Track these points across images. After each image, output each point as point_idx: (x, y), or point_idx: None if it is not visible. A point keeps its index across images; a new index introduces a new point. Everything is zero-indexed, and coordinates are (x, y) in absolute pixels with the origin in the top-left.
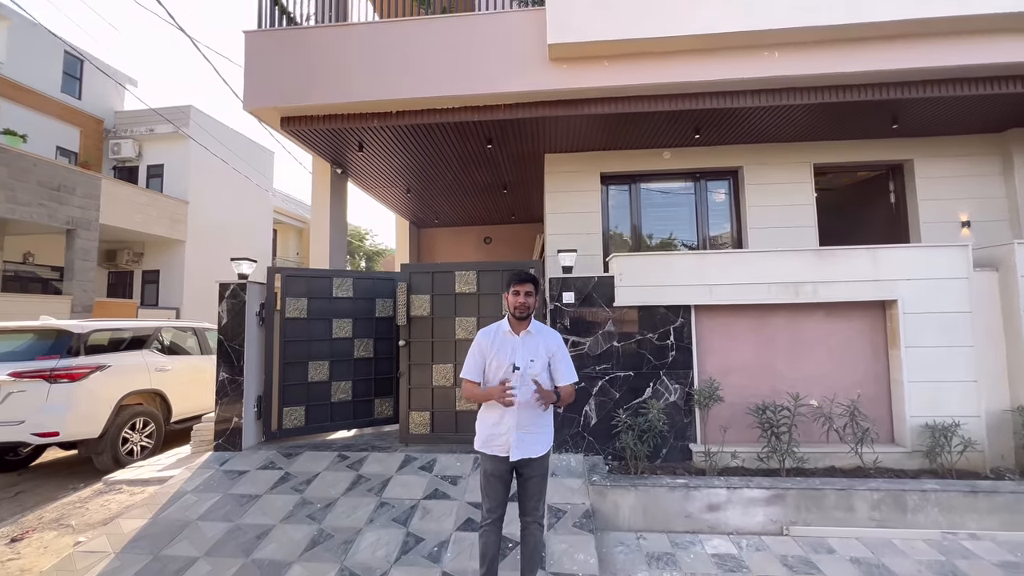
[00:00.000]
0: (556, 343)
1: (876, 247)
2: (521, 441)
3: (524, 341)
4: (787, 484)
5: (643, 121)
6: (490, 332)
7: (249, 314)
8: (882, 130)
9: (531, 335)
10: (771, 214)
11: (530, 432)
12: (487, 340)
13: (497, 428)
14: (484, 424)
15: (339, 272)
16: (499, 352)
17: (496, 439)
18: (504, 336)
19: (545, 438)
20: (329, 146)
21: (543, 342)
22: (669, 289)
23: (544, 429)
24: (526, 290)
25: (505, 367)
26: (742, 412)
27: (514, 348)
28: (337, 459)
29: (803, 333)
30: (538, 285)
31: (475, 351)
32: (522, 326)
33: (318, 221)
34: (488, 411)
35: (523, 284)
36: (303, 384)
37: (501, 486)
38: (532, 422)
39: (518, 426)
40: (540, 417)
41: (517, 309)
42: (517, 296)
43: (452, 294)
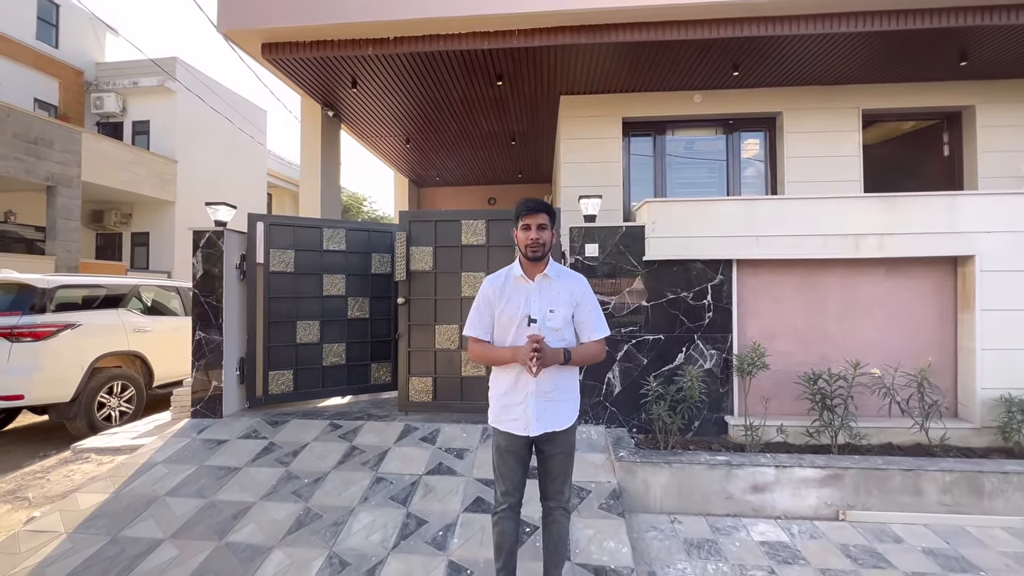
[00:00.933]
0: (582, 289)
1: (955, 193)
2: (542, 411)
3: (541, 287)
4: (844, 463)
5: (674, 54)
6: (498, 278)
7: (228, 266)
8: (942, 70)
9: (550, 280)
10: (812, 166)
11: (553, 400)
12: (494, 288)
13: (511, 396)
14: (496, 390)
15: (330, 222)
16: (510, 302)
17: (510, 410)
18: (516, 282)
19: (570, 407)
20: (318, 81)
21: (566, 288)
22: (709, 241)
23: (569, 395)
24: (539, 222)
25: (518, 320)
26: (787, 381)
27: (528, 296)
28: (328, 428)
29: (859, 293)
30: (554, 216)
31: (480, 303)
32: (537, 269)
33: (308, 170)
34: (501, 375)
35: (534, 215)
36: (291, 346)
37: (518, 465)
38: (555, 386)
39: (538, 392)
40: (564, 380)
41: (529, 247)
42: (528, 231)
43: (458, 246)
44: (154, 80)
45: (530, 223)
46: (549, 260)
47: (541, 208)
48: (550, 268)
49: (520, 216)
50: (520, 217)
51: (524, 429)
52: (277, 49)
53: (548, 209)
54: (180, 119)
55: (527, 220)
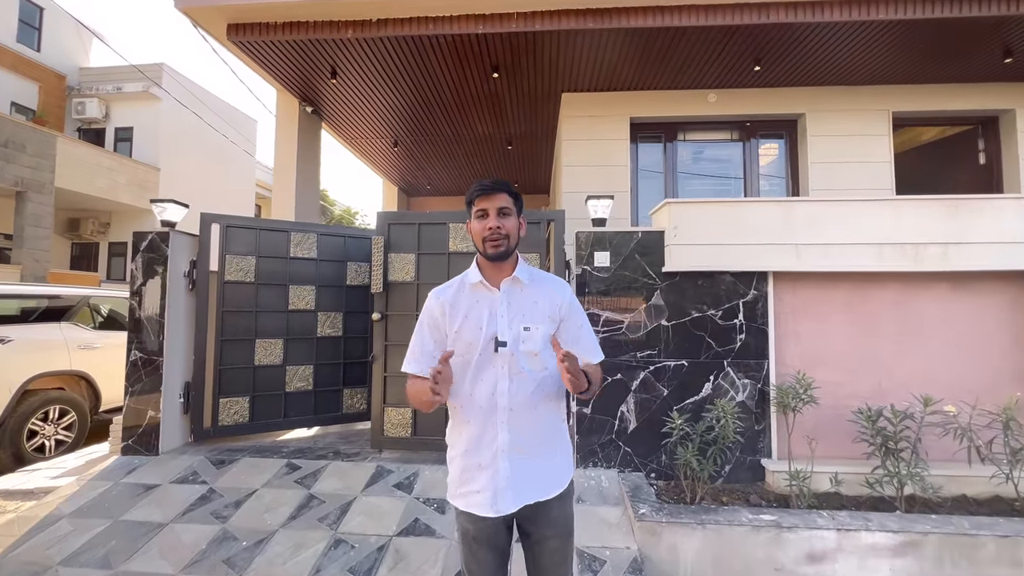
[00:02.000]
0: (567, 297)
1: None
2: (519, 476)
3: (509, 296)
4: (923, 525)
5: (690, 45)
6: (447, 290)
7: (174, 274)
8: (979, 70)
9: (521, 285)
10: (838, 173)
11: (535, 456)
12: (442, 303)
13: (474, 455)
14: (454, 450)
15: (300, 225)
16: (467, 319)
17: (473, 477)
18: (473, 292)
19: (561, 463)
20: (293, 70)
21: (544, 295)
22: (740, 250)
23: (559, 447)
24: (499, 205)
25: (481, 344)
26: (836, 418)
27: (493, 309)
28: (284, 470)
29: (917, 313)
30: (518, 200)
31: (423, 325)
32: (502, 271)
33: (282, 170)
34: (456, 426)
35: (491, 195)
36: (247, 368)
37: (493, 556)
38: (538, 436)
39: (512, 447)
40: (551, 426)
41: (488, 241)
42: (484, 218)
43: (445, 253)
44: (139, 86)
45: (487, 207)
46: (518, 259)
47: (500, 187)
48: (520, 269)
49: (473, 200)
50: (473, 202)
51: (491, 506)
52: (244, 30)
53: (509, 189)
54: (165, 126)
55: (483, 203)
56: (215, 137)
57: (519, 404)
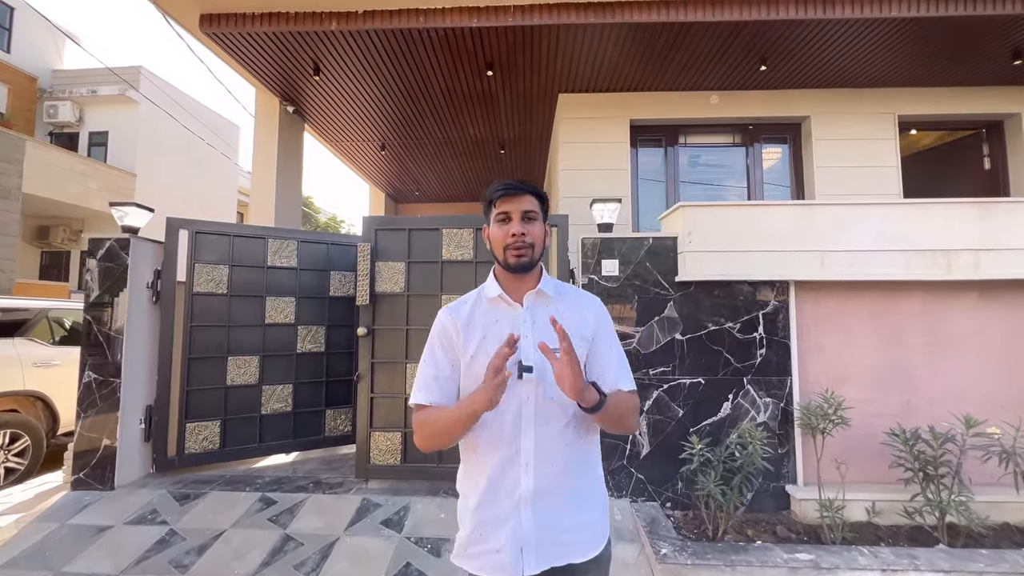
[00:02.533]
0: (598, 314)
1: None
2: (543, 529)
3: (534, 313)
4: (977, 563)
5: (694, 43)
6: (463, 306)
7: (135, 285)
8: (986, 73)
9: (546, 300)
10: (844, 178)
11: (561, 507)
12: (456, 320)
13: (491, 507)
14: (467, 501)
15: (278, 231)
16: (486, 340)
17: (490, 533)
18: (491, 308)
19: (594, 516)
20: (273, 66)
21: (574, 311)
22: (760, 257)
23: (591, 497)
24: (523, 208)
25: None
26: (864, 438)
27: (515, 327)
28: (258, 506)
29: (946, 324)
30: (545, 203)
31: (435, 346)
32: (525, 284)
33: (262, 174)
34: (471, 473)
35: (515, 197)
36: (218, 389)
37: None
38: (564, 483)
39: (537, 494)
40: (583, 467)
41: (511, 249)
42: (506, 223)
43: (438, 261)
44: (115, 89)
45: (509, 210)
46: (542, 271)
47: (526, 187)
48: (546, 282)
49: (493, 201)
50: (494, 203)
51: (511, 567)
52: (218, 21)
53: (536, 190)
54: (143, 131)
55: (505, 206)
56: (196, 142)
57: (547, 442)
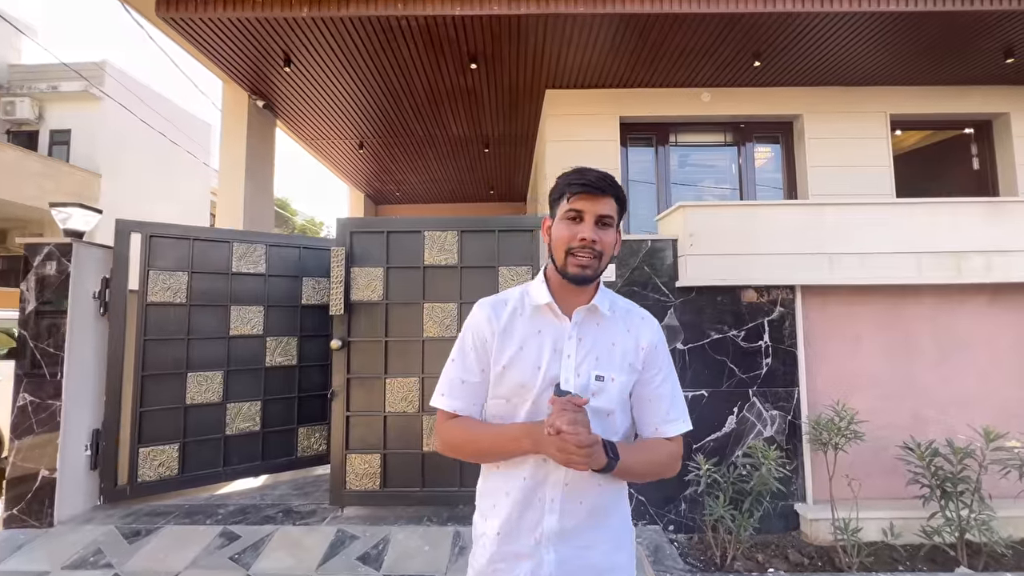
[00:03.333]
0: (652, 341)
1: None
2: (567, 573)
3: (582, 330)
4: None
5: (687, 36)
6: (502, 305)
7: (79, 295)
8: (977, 72)
9: (599, 318)
10: (837, 177)
11: (587, 549)
12: (493, 320)
13: (512, 542)
14: (486, 527)
15: (243, 234)
16: (523, 351)
17: (508, 571)
18: (536, 316)
19: (622, 560)
20: (239, 56)
21: (628, 334)
22: (765, 260)
23: (619, 539)
24: (600, 212)
25: (537, 387)
26: (874, 451)
27: (558, 344)
28: (219, 541)
29: (956, 330)
30: (624, 206)
31: (467, 344)
32: (580, 296)
33: (229, 173)
34: (493, 491)
35: (596, 196)
36: (177, 409)
37: None
38: (592, 523)
39: (562, 534)
40: (610, 508)
41: (576, 256)
42: (576, 222)
43: (419, 267)
44: (77, 85)
45: (583, 210)
46: (600, 283)
47: (609, 186)
48: (600, 297)
49: (569, 194)
50: (566, 197)
51: None
52: (176, 5)
53: (619, 192)
54: (108, 130)
55: (579, 203)
56: (166, 142)
57: (579, 480)
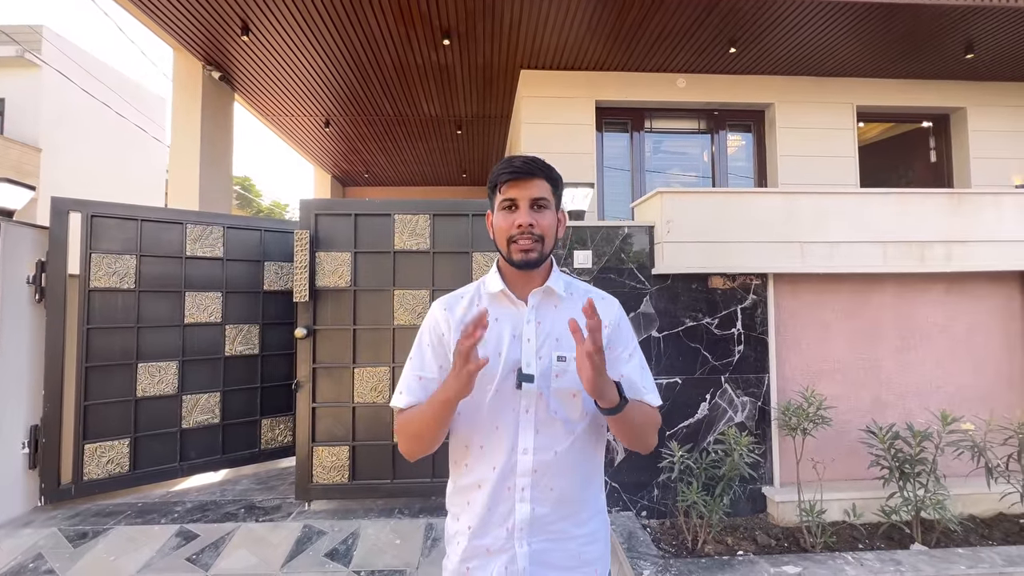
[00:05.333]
0: (614, 319)
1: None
2: (540, 564)
3: (540, 313)
4: (958, 566)
5: (665, 19)
6: (458, 300)
7: (10, 279)
8: (939, 66)
9: (555, 299)
10: (806, 167)
11: (561, 539)
12: (449, 316)
13: (484, 535)
14: (458, 523)
15: (199, 215)
16: (483, 341)
17: (481, 568)
18: (490, 305)
19: (597, 549)
20: (192, 22)
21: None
22: (739, 248)
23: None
24: (533, 195)
25: (498, 376)
26: (837, 436)
27: (516, 330)
28: (175, 541)
29: (915, 318)
30: (558, 186)
31: (424, 344)
32: (531, 280)
33: (181, 148)
34: (462, 489)
35: (524, 180)
36: (126, 402)
37: None
38: (565, 512)
39: (532, 525)
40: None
41: (516, 242)
42: (511, 211)
43: (389, 251)
44: (11, 50)
45: (516, 197)
46: (553, 266)
47: (536, 169)
48: (555, 278)
49: (500, 184)
50: (499, 186)
51: None
52: None
53: (549, 172)
54: (48, 100)
55: (511, 191)
56: (113, 117)
57: (547, 465)
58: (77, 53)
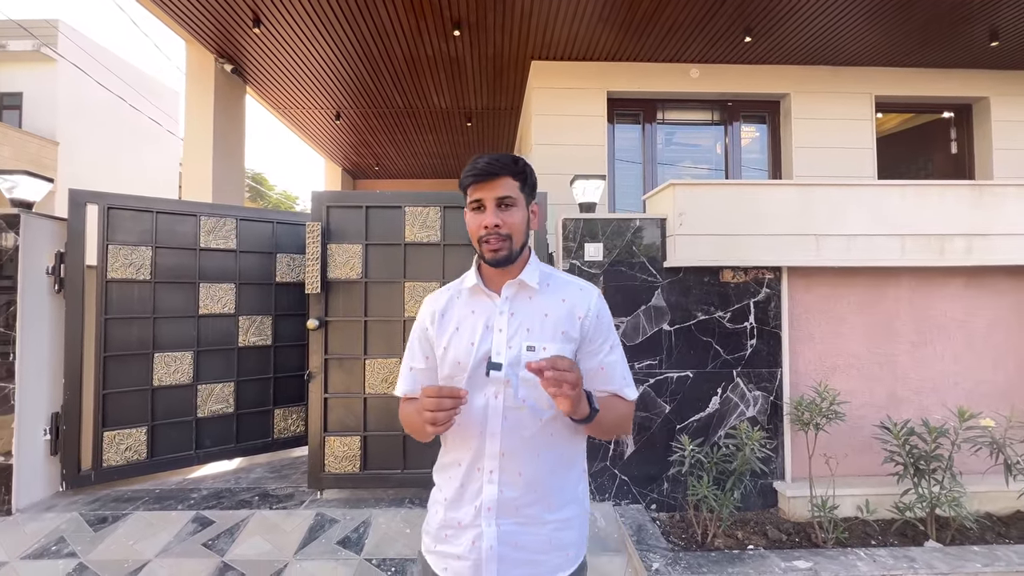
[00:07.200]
0: (591, 306)
1: None
2: (506, 545)
3: (514, 305)
4: (973, 563)
5: (679, 9)
6: (440, 297)
7: (30, 271)
8: (962, 54)
9: (529, 291)
10: (822, 159)
11: (527, 522)
12: (433, 312)
13: (455, 510)
14: (439, 494)
15: (212, 207)
16: (459, 333)
17: (453, 538)
18: (469, 299)
19: (568, 535)
20: (204, 14)
21: (559, 304)
22: (752, 241)
23: (565, 512)
24: (498, 194)
25: (470, 366)
26: (852, 431)
27: (490, 322)
28: (191, 527)
29: (933, 312)
30: (527, 181)
31: (414, 339)
32: (508, 273)
33: (195, 140)
34: (446, 466)
35: (488, 181)
36: (143, 391)
37: None
38: (532, 496)
39: (499, 506)
40: (555, 482)
41: (486, 241)
42: (479, 211)
43: (400, 244)
44: (28, 44)
45: (482, 198)
46: (530, 257)
47: (500, 168)
48: (529, 271)
49: (467, 183)
50: (467, 185)
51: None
52: None
53: (514, 168)
54: (64, 94)
55: (477, 192)
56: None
57: (514, 449)
58: (92, 47)
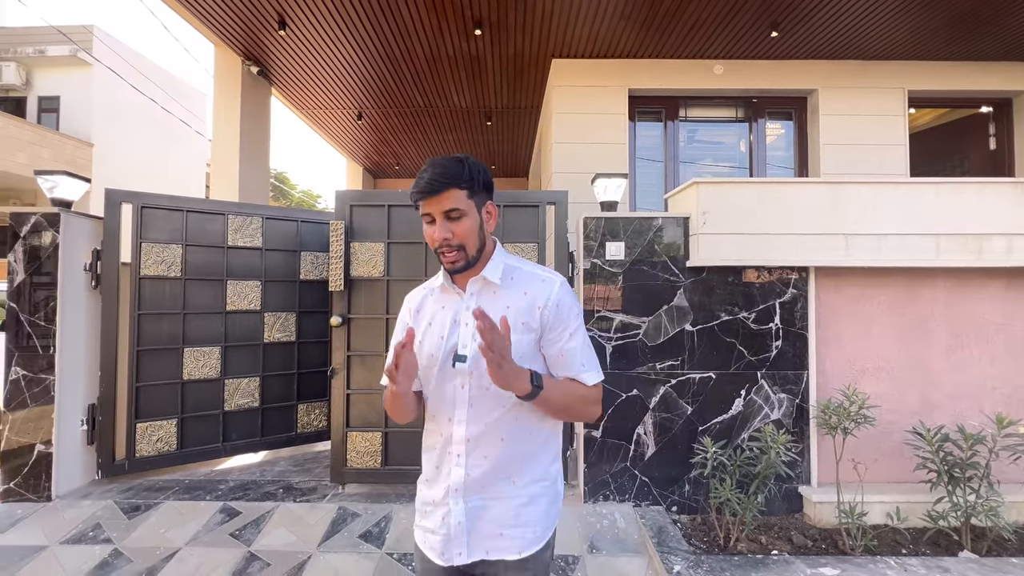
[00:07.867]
0: (553, 296)
1: None
2: (473, 522)
3: (480, 301)
4: None
5: (702, 4)
6: (419, 293)
7: (69, 267)
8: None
9: (492, 287)
10: (851, 156)
11: (493, 501)
12: (411, 307)
13: (430, 488)
14: (423, 473)
15: (239, 206)
16: (431, 328)
17: (429, 514)
18: (439, 297)
19: (532, 513)
20: (232, 17)
21: (520, 297)
22: (778, 240)
23: (531, 492)
24: (444, 208)
25: (440, 358)
26: (881, 436)
27: (457, 316)
28: (219, 517)
29: (970, 314)
30: (475, 185)
31: (397, 332)
32: (473, 272)
33: (223, 142)
34: (427, 449)
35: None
36: (174, 384)
37: None
38: (497, 477)
39: (468, 484)
40: (520, 464)
41: (442, 254)
42: (432, 224)
43: (422, 242)
44: (64, 49)
45: (430, 211)
46: (495, 253)
47: (443, 182)
48: (491, 268)
49: (414, 200)
50: (416, 202)
51: (441, 553)
52: None
53: (458, 179)
54: (98, 97)
55: (426, 207)
56: (159, 112)
57: (479, 435)
58: (126, 51)
